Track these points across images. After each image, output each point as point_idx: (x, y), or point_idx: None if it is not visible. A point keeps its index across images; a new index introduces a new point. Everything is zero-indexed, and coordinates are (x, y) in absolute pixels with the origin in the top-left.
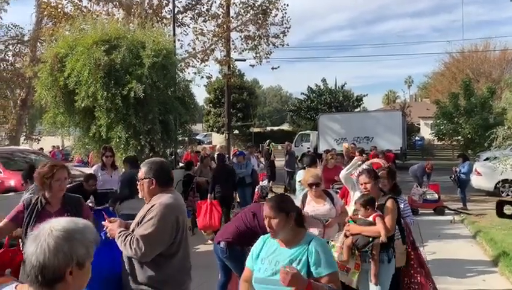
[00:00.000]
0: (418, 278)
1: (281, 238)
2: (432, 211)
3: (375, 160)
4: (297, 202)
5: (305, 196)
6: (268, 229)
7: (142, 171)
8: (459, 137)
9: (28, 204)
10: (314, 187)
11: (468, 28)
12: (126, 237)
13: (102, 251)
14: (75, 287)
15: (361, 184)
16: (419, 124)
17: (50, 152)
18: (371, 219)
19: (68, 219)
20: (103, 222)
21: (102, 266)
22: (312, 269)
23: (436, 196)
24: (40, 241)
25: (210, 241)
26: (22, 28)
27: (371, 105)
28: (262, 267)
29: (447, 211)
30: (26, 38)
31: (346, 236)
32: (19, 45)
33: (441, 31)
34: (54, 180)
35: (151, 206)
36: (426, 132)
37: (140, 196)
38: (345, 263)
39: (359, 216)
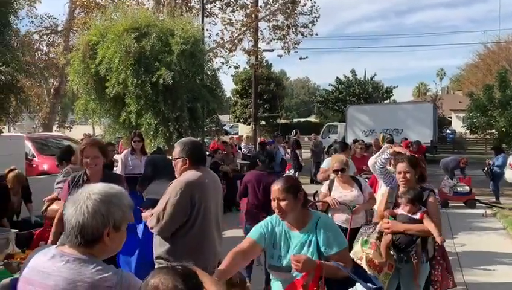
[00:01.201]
0: (439, 270)
1: (290, 220)
2: (463, 204)
3: (398, 148)
4: (323, 189)
5: (332, 182)
6: (276, 211)
7: (176, 151)
8: (493, 130)
9: (72, 180)
10: (339, 173)
11: (504, 18)
12: (152, 216)
13: (133, 239)
14: (112, 249)
15: (400, 173)
16: (450, 117)
17: (81, 140)
18: (417, 216)
19: (104, 184)
20: (143, 214)
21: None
22: (322, 248)
23: (467, 188)
24: (79, 203)
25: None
26: (55, 19)
27: (401, 97)
28: (275, 254)
29: (478, 204)
30: (59, 28)
31: (380, 233)
32: (52, 35)
33: (476, 21)
34: (83, 157)
35: (174, 181)
36: (458, 125)
37: (176, 175)
38: (382, 263)
39: (399, 212)
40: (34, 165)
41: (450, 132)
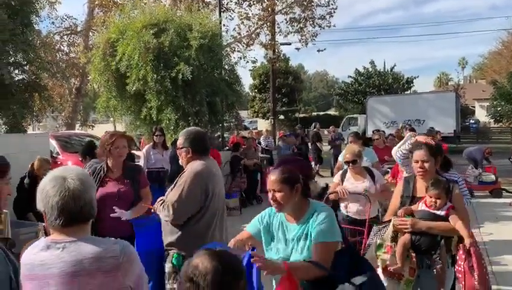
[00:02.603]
0: (462, 266)
1: (287, 212)
2: (488, 194)
3: (421, 137)
4: (335, 180)
5: (344, 172)
6: (272, 202)
7: (180, 141)
8: None
9: (93, 171)
10: (350, 165)
11: None
12: (162, 203)
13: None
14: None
15: (417, 161)
16: (474, 107)
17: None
18: (442, 212)
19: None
20: (154, 205)
21: (147, 240)
22: (312, 237)
23: (492, 177)
24: (58, 187)
25: None
26: (75, 19)
27: (422, 88)
28: (273, 247)
29: (505, 193)
30: (79, 28)
31: (395, 232)
32: (72, 35)
33: (498, 8)
34: (113, 147)
35: (183, 173)
36: (481, 115)
37: (180, 163)
38: (399, 269)
39: (420, 207)
40: (59, 163)
41: (473, 121)
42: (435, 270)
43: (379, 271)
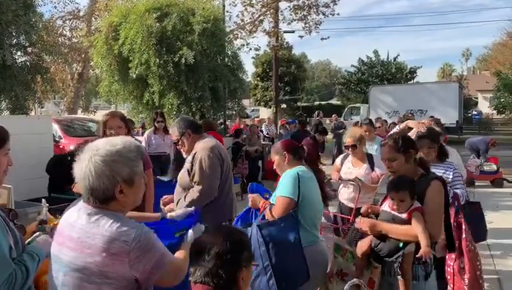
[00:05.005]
0: (452, 266)
1: (279, 173)
2: (489, 183)
3: (412, 122)
4: (337, 162)
5: (346, 156)
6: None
7: (175, 132)
8: None
9: None
10: (349, 149)
11: None
12: (185, 196)
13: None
14: (129, 203)
15: (384, 160)
16: (477, 98)
17: None
18: (404, 215)
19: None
20: (166, 208)
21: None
22: None
23: (494, 167)
24: (83, 166)
25: None
26: (77, 4)
27: (425, 78)
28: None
29: (506, 183)
30: (81, 13)
31: (356, 234)
32: (75, 20)
33: None
34: (107, 128)
35: (195, 154)
36: (484, 106)
37: (185, 155)
38: (359, 276)
39: (383, 207)
40: (61, 146)
41: (476, 112)
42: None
43: (335, 278)
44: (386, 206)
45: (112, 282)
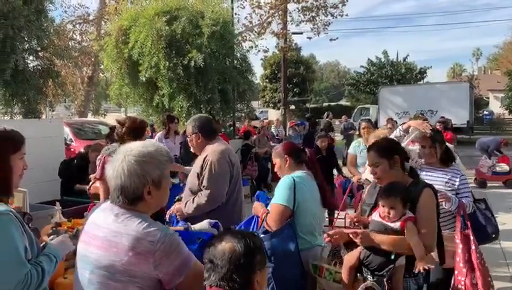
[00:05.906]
0: (464, 282)
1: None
2: (502, 184)
3: (414, 122)
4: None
5: None
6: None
7: (189, 128)
8: None
9: (109, 155)
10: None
11: None
12: (193, 199)
13: None
14: (155, 205)
15: (370, 165)
16: (488, 98)
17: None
18: (397, 224)
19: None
20: (174, 206)
21: None
22: None
23: (506, 168)
24: (116, 165)
25: None
26: (87, 8)
27: (435, 79)
28: None
29: None
30: (91, 17)
31: (336, 251)
32: (85, 24)
33: None
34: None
35: (205, 157)
36: (496, 106)
37: (192, 150)
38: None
39: (374, 217)
40: (72, 149)
41: (487, 112)
42: None
43: None
44: (377, 216)
45: (138, 281)
